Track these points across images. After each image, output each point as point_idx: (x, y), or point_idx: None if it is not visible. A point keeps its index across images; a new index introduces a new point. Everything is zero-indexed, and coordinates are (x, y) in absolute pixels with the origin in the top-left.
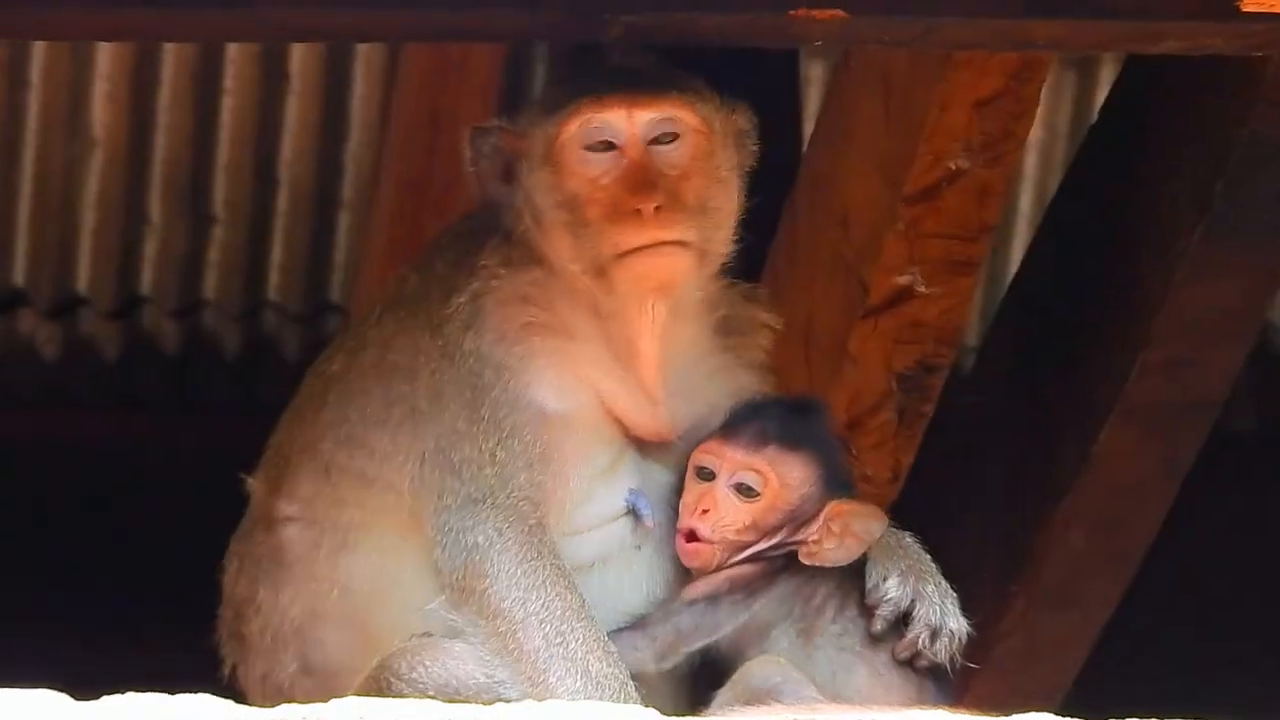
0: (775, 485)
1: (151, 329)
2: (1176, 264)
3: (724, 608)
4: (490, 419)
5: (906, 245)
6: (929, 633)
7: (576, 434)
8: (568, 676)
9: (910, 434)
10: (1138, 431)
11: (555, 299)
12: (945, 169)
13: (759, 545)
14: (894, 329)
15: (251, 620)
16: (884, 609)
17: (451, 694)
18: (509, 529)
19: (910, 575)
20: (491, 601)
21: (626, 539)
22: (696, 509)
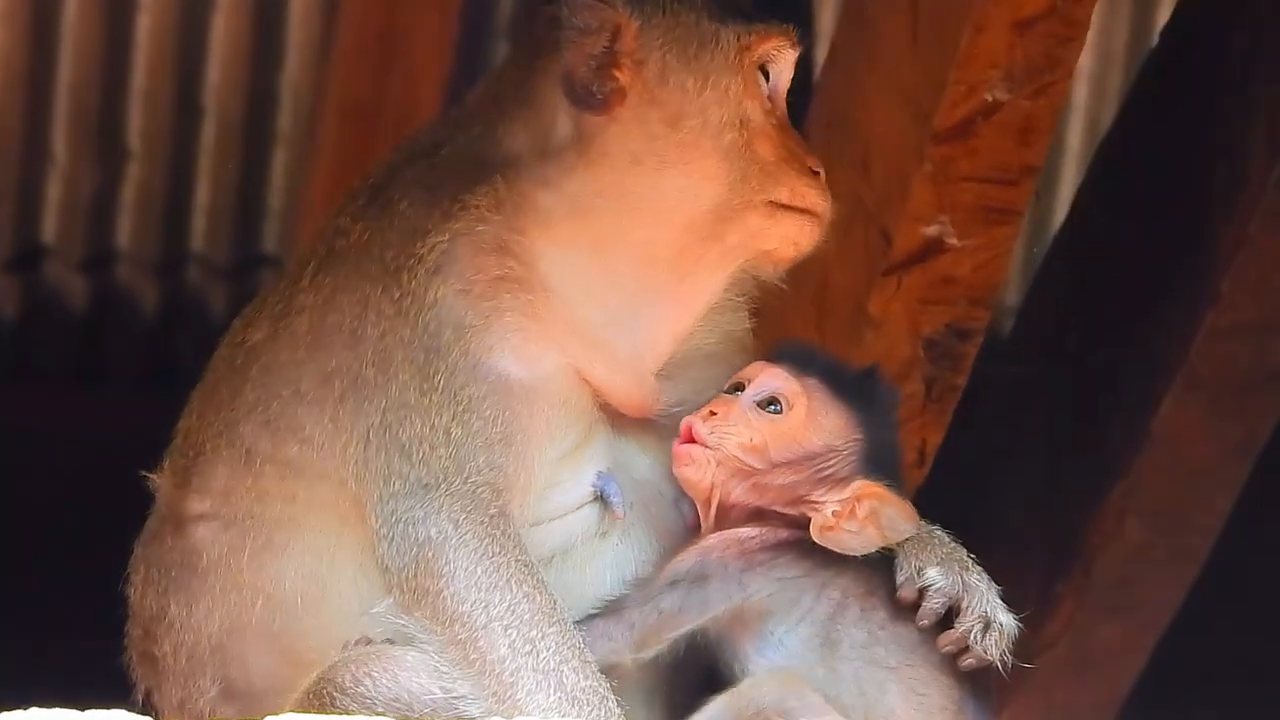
0: (802, 414)
1: (54, 284)
2: (1249, 212)
3: (714, 583)
4: (445, 389)
5: (935, 190)
6: (981, 625)
7: (543, 407)
8: (539, 690)
9: (940, 409)
10: (1204, 406)
11: (547, 253)
12: (981, 101)
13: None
14: (921, 287)
15: (163, 639)
16: (932, 601)
17: (404, 710)
18: (466, 520)
19: (953, 563)
20: (448, 604)
21: (591, 528)
22: (705, 410)
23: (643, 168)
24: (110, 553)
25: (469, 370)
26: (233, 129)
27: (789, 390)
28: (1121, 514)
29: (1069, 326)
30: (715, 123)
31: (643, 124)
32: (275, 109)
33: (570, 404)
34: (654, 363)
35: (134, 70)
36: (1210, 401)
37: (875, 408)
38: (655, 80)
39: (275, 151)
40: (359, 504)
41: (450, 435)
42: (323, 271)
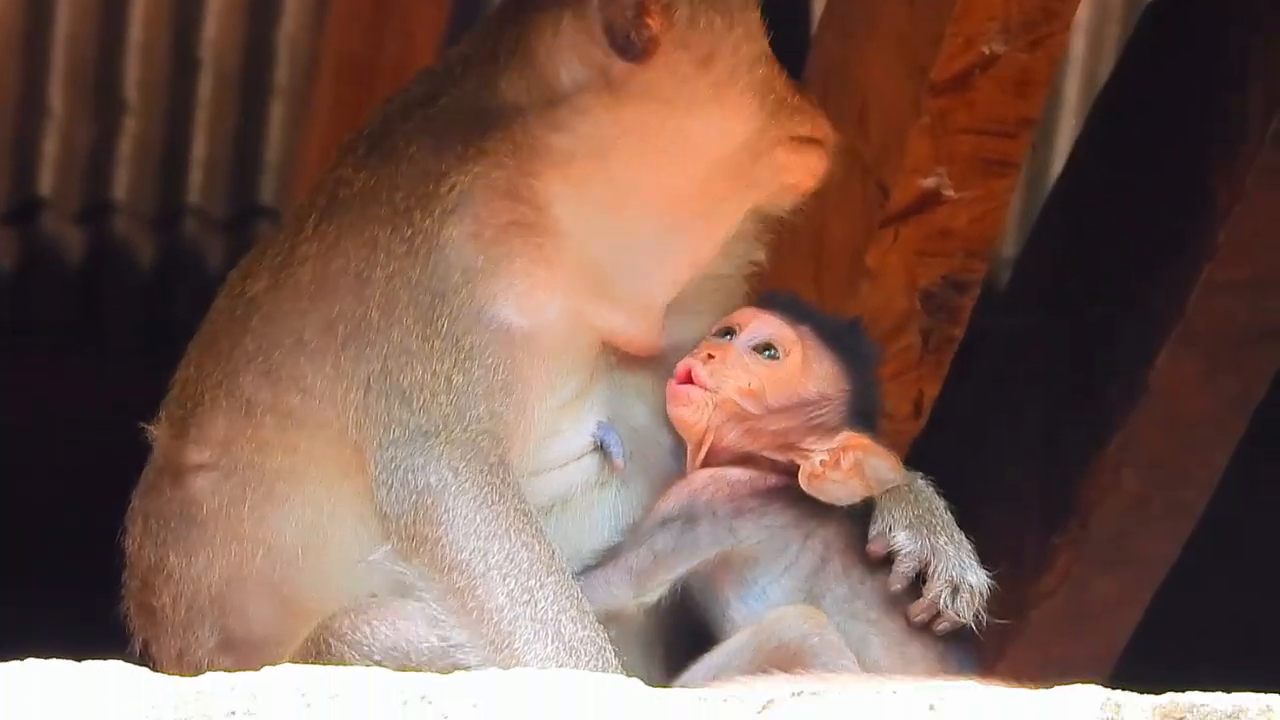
0: (798, 360)
1: (51, 237)
2: (1246, 167)
3: (704, 525)
4: (448, 335)
5: (932, 143)
6: (949, 589)
7: (545, 355)
8: (536, 640)
9: (936, 361)
10: (1201, 360)
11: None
12: (978, 54)
13: (758, 425)
14: (918, 239)
15: (161, 590)
16: (902, 565)
17: (401, 659)
18: (466, 468)
19: (922, 527)
20: (447, 552)
21: (590, 478)
22: (702, 353)
23: (673, 109)
24: (108, 507)
25: (473, 316)
26: (230, 82)
27: (785, 336)
28: (1117, 467)
29: (1066, 279)
30: (746, 59)
31: (674, 68)
32: (272, 63)
33: (573, 351)
34: (664, 300)
35: (131, 23)
36: (1206, 356)
37: (862, 359)
38: (685, 22)
39: (272, 105)
40: (359, 452)
41: (451, 382)
42: (326, 221)
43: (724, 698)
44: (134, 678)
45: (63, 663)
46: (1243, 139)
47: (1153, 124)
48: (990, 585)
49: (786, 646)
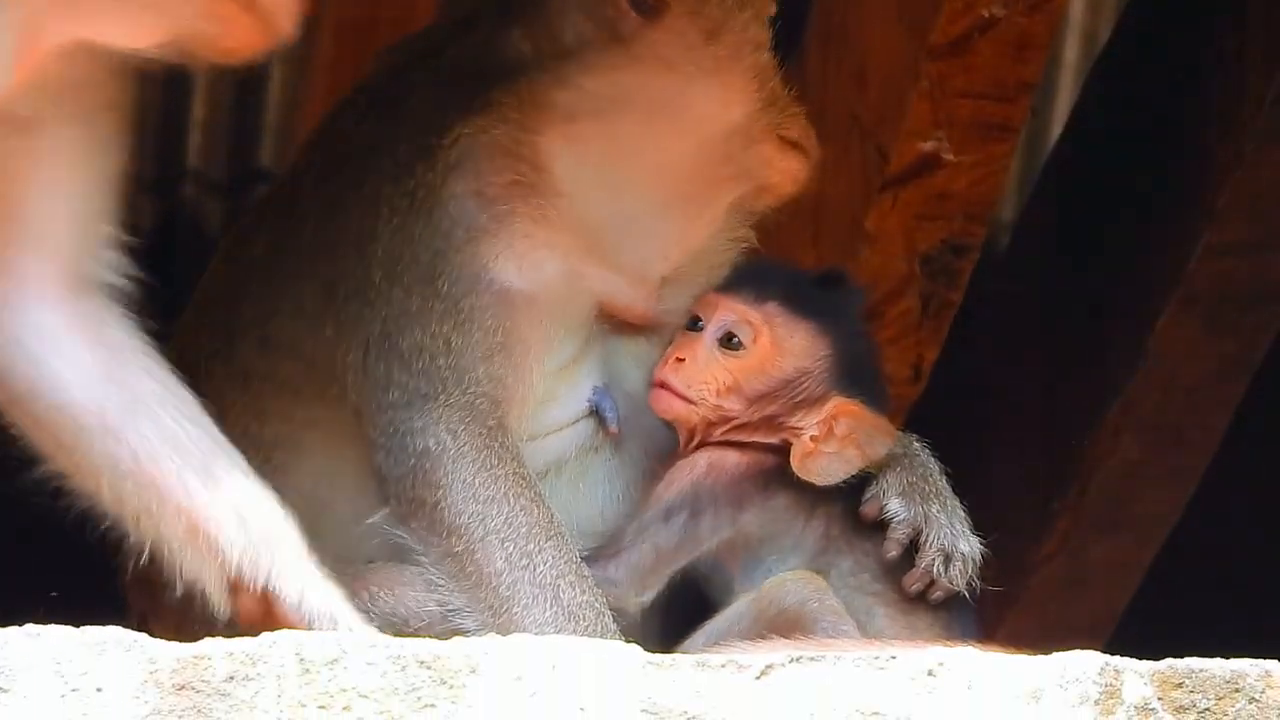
0: (766, 344)
1: None
2: (1246, 129)
3: (706, 517)
4: (448, 296)
5: (932, 105)
6: (942, 558)
7: (542, 317)
8: (535, 605)
9: (935, 325)
10: (1200, 324)
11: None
12: (977, 16)
13: (745, 416)
14: (917, 203)
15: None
16: (896, 532)
17: (400, 624)
18: (465, 431)
19: (915, 494)
20: (445, 516)
21: (585, 443)
22: (671, 359)
23: (675, 75)
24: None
25: (473, 277)
26: None
27: (748, 321)
28: (1118, 431)
29: (1065, 243)
30: (752, 41)
31: (682, 33)
32: None
33: (570, 313)
34: (659, 272)
35: None
36: (1206, 319)
37: (841, 315)
38: None
39: (272, 68)
40: (358, 417)
41: (450, 345)
42: (325, 177)
43: (722, 663)
44: (132, 643)
45: (61, 628)
46: (1242, 101)
47: (1152, 87)
48: (983, 553)
49: (786, 612)
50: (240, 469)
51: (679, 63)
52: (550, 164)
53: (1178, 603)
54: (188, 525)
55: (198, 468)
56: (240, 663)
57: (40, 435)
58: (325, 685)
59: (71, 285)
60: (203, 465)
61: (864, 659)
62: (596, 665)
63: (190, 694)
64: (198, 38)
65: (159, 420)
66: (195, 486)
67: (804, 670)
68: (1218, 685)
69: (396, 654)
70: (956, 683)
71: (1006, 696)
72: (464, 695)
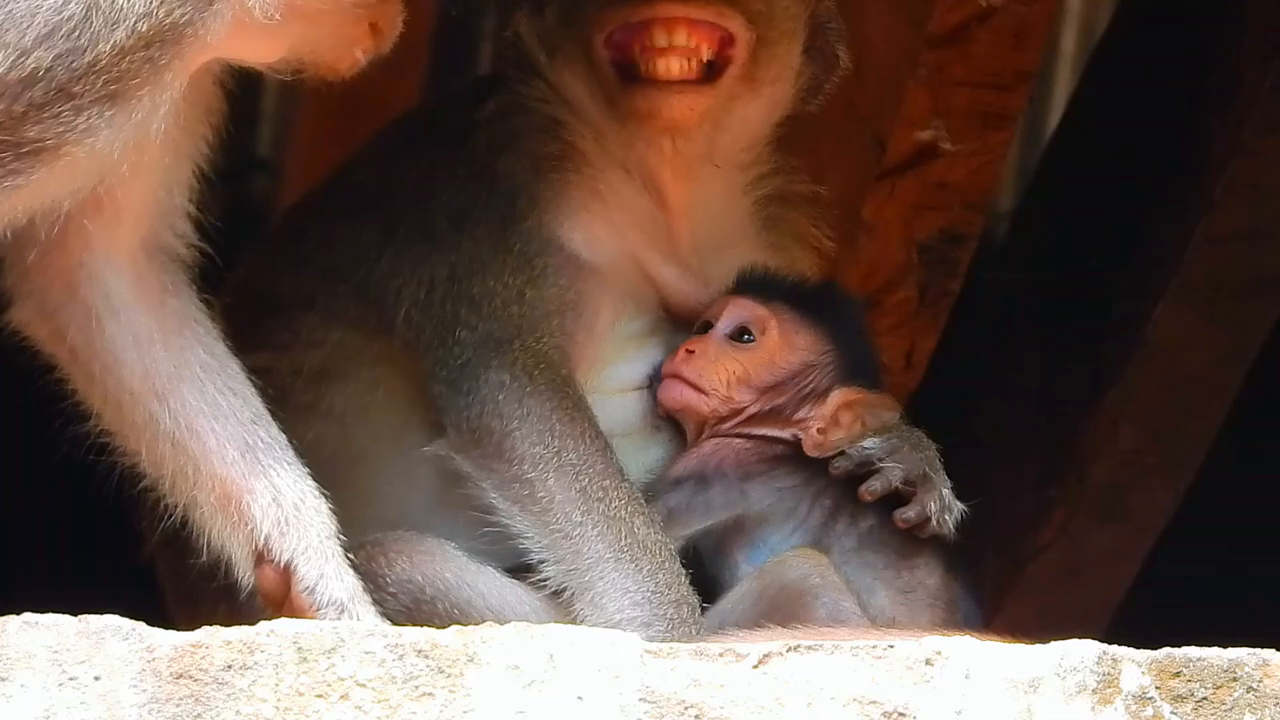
0: (775, 337)
1: None
2: (1244, 117)
3: (716, 488)
4: (521, 253)
5: (930, 94)
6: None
7: (612, 289)
8: (609, 532)
9: (933, 314)
10: (1197, 313)
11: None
12: (975, 5)
13: (755, 407)
14: (915, 192)
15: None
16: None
17: (415, 591)
18: (540, 374)
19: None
20: (517, 444)
21: (648, 415)
22: (679, 352)
23: None
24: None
25: (544, 242)
26: None
27: (757, 316)
28: (1115, 420)
29: (1063, 233)
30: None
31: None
32: None
33: (636, 292)
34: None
35: None
36: (1204, 308)
37: (842, 318)
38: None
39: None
40: (409, 349)
41: (524, 296)
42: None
43: (720, 652)
44: (130, 631)
45: (60, 616)
46: (1239, 89)
47: (1150, 76)
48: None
49: (788, 588)
50: (279, 444)
51: None
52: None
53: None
54: (221, 494)
55: (236, 438)
56: (238, 651)
57: (91, 392)
58: (323, 674)
59: (143, 253)
60: (241, 437)
61: (862, 648)
62: (594, 654)
63: (188, 682)
64: (317, 56)
65: (203, 388)
66: (233, 457)
67: (802, 659)
68: (1215, 674)
69: (394, 643)
70: (954, 672)
71: (1004, 686)
72: (462, 684)
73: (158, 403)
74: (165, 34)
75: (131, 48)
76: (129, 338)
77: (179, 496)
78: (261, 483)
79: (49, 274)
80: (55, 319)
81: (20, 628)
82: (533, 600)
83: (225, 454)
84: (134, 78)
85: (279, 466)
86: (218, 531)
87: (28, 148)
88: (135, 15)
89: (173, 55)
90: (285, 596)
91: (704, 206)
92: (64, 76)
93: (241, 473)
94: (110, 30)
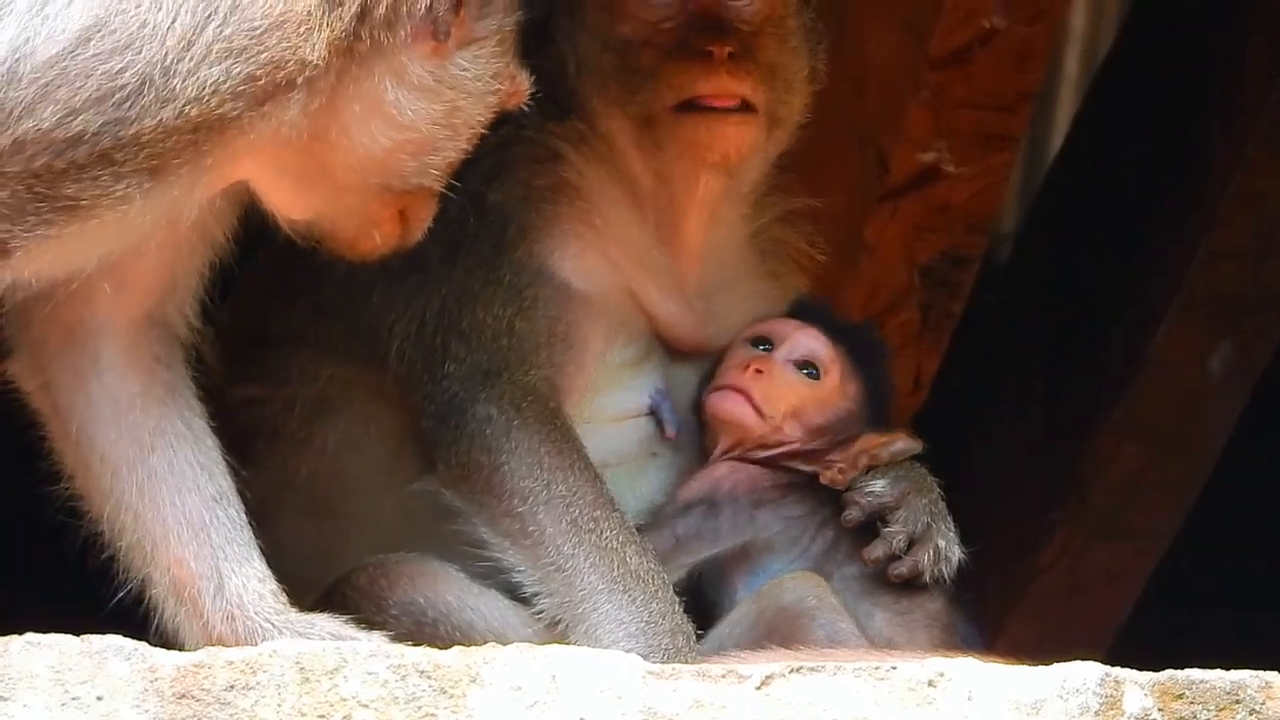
0: (835, 380)
1: None
2: (1246, 134)
3: (726, 514)
4: (510, 285)
5: (932, 115)
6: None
7: (602, 319)
8: (601, 564)
9: (936, 336)
10: (1201, 330)
11: (589, 165)
12: (978, 27)
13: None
14: (917, 213)
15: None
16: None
17: (417, 614)
18: (528, 407)
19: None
20: (507, 479)
21: (645, 443)
22: (749, 368)
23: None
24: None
25: (533, 271)
26: None
27: (827, 356)
28: (1118, 440)
29: (1066, 253)
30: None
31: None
32: None
33: (628, 321)
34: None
35: None
36: (1207, 325)
37: (879, 364)
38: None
39: None
40: (401, 384)
41: (514, 328)
42: None
43: (722, 673)
44: (133, 651)
45: (63, 636)
46: (1242, 107)
47: (1153, 97)
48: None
49: (785, 610)
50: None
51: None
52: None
53: (1178, 613)
54: (175, 577)
55: (195, 516)
56: (240, 671)
57: (65, 451)
58: (325, 694)
59: (145, 323)
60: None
61: (864, 669)
62: (597, 675)
63: (191, 703)
64: (338, 228)
65: (173, 460)
66: (186, 537)
67: (804, 680)
68: (1218, 696)
69: (397, 663)
70: (956, 693)
71: (1006, 707)
72: (464, 705)
73: (126, 470)
74: (213, 123)
75: (178, 128)
76: (109, 401)
77: (136, 571)
78: (209, 567)
79: (48, 327)
80: (46, 372)
81: (23, 647)
82: (536, 624)
83: (181, 533)
84: (175, 157)
85: (229, 548)
86: (170, 613)
87: (63, 203)
88: (187, 99)
89: (216, 144)
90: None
91: (715, 242)
92: (108, 143)
93: (193, 555)
94: (160, 107)
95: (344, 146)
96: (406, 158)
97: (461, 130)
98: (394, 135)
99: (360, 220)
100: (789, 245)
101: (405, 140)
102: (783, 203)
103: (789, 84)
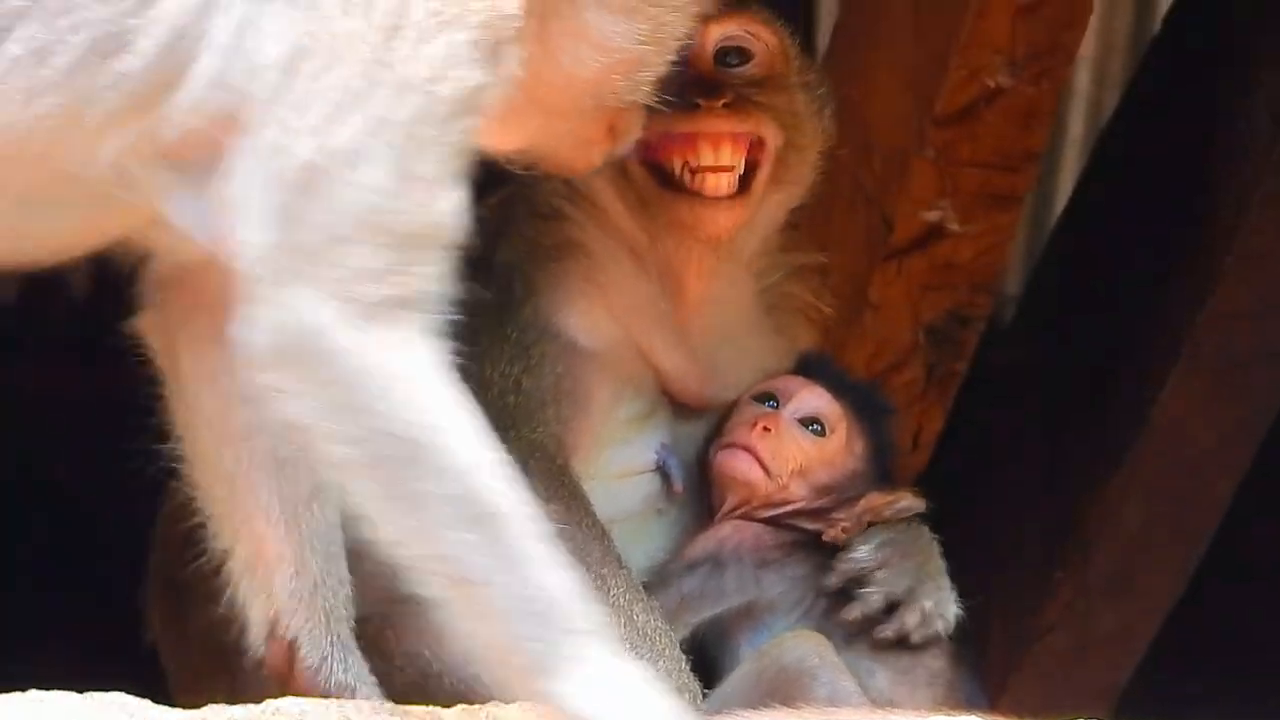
0: (841, 438)
1: None
2: (1251, 194)
3: (730, 574)
4: (517, 342)
5: (937, 175)
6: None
7: (608, 375)
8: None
9: (940, 395)
10: (1206, 389)
11: (590, 222)
12: (983, 86)
13: (803, 504)
14: (922, 273)
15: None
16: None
17: (424, 666)
18: (535, 464)
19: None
20: None
21: (651, 499)
22: (756, 425)
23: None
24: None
25: (540, 329)
26: None
27: (833, 413)
28: (1121, 499)
29: (1070, 313)
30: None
31: None
32: None
33: (635, 378)
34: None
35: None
36: (1211, 384)
37: (884, 425)
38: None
39: None
40: None
41: (521, 385)
42: None
43: None
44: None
45: (63, 694)
46: (1246, 167)
47: (1158, 157)
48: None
49: (787, 670)
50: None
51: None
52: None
53: (1182, 673)
54: (254, 551)
55: (288, 502)
56: None
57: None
58: None
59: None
60: (291, 500)
61: None
62: None
63: None
64: (556, 152)
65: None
66: (275, 517)
67: None
68: None
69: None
70: None
71: None
72: None
73: (230, 442)
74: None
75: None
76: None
77: (221, 542)
78: (289, 552)
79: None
80: (171, 333)
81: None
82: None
83: (271, 514)
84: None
85: (313, 542)
86: (243, 589)
87: None
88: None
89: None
90: (289, 674)
91: (718, 298)
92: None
93: (279, 536)
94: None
95: (558, 81)
96: (618, 78)
97: (668, 43)
98: (604, 59)
99: (574, 140)
100: (796, 299)
101: (615, 62)
102: (791, 258)
103: (797, 129)
